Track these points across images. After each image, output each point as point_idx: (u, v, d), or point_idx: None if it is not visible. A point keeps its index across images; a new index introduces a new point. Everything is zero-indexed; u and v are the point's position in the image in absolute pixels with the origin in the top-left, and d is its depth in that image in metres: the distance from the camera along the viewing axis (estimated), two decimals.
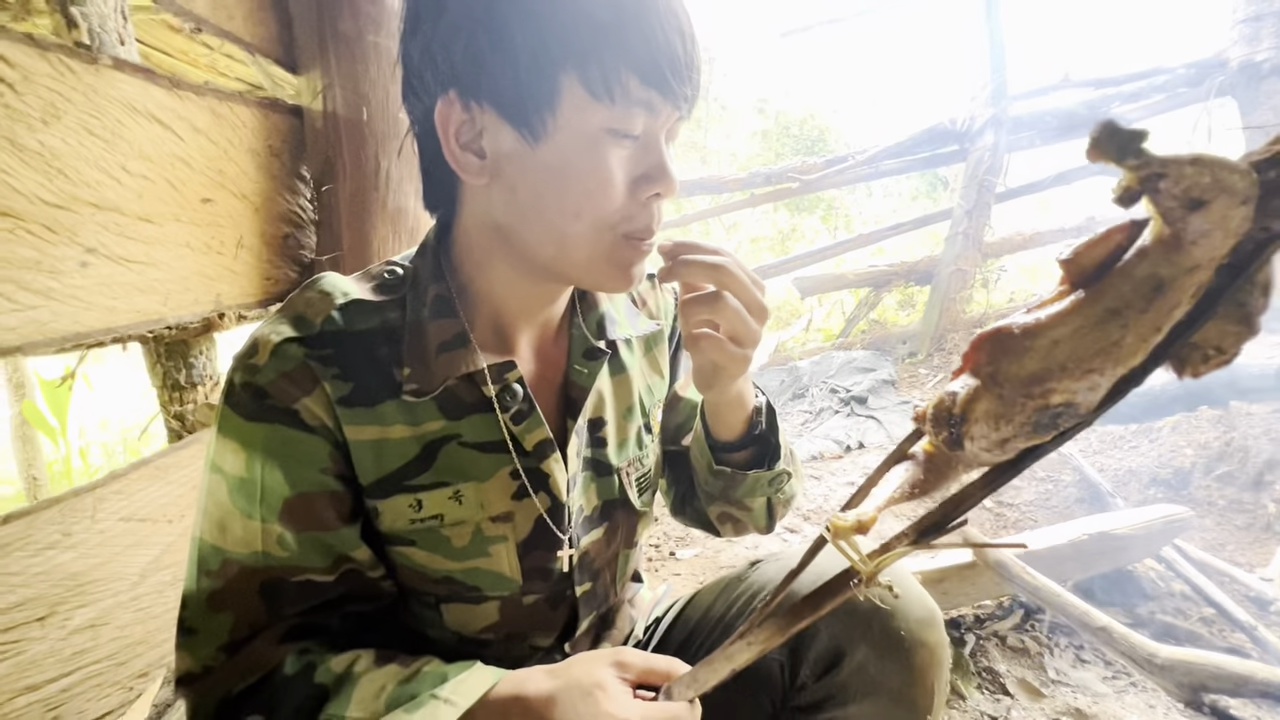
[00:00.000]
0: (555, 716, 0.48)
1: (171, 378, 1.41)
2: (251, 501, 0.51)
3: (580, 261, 0.53)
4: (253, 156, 0.87)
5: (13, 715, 0.62)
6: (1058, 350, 0.37)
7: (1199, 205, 0.31)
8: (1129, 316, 0.35)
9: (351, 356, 0.53)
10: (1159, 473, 1.84)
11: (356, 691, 0.51)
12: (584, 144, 0.48)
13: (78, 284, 0.65)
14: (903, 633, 0.60)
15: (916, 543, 0.46)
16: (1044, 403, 0.38)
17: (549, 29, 0.46)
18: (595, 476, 0.66)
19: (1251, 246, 0.35)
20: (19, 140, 0.57)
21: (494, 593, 0.61)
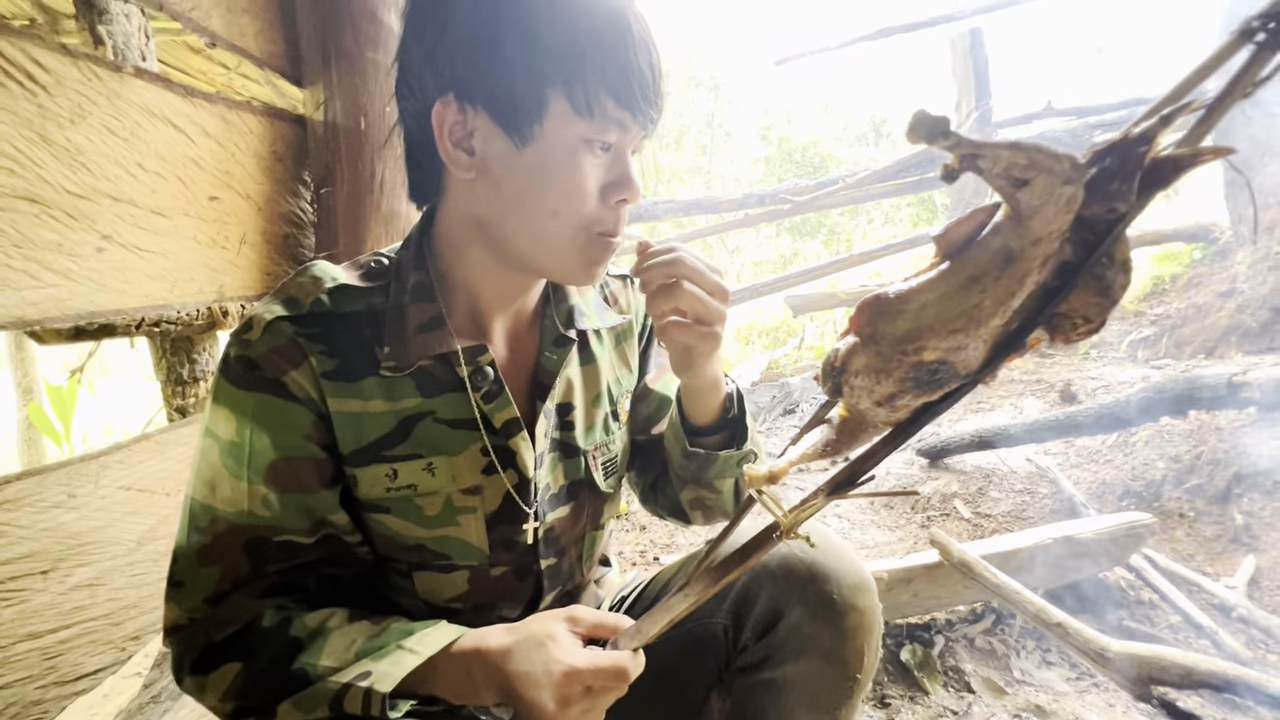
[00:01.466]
0: (511, 665, 0.54)
1: (175, 372, 1.48)
2: (240, 463, 0.57)
3: (553, 254, 0.60)
4: (258, 160, 0.95)
5: (14, 660, 0.67)
6: (926, 312, 0.43)
7: (1023, 183, 0.37)
8: (986, 283, 0.42)
9: (337, 336, 0.59)
10: (1132, 485, 1.88)
11: (328, 644, 0.56)
12: (564, 151, 0.55)
13: (93, 267, 0.72)
14: (835, 596, 0.65)
15: (830, 495, 0.52)
16: (918, 359, 0.44)
17: (543, 51, 0.53)
18: (562, 457, 0.72)
19: (1104, 226, 0.41)
20: (49, 136, 0.64)
21: (463, 562, 0.66)
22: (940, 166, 0.36)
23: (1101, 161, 0.36)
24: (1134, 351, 3.00)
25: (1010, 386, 2.87)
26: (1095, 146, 0.37)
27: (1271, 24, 0.32)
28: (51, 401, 3.52)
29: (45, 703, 0.70)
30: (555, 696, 0.52)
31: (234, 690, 0.56)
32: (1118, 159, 0.35)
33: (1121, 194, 0.36)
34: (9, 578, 0.66)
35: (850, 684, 0.67)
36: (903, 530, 2.02)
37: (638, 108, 0.56)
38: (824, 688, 0.67)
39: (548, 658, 0.53)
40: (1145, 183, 0.36)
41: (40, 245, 0.65)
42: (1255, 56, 0.32)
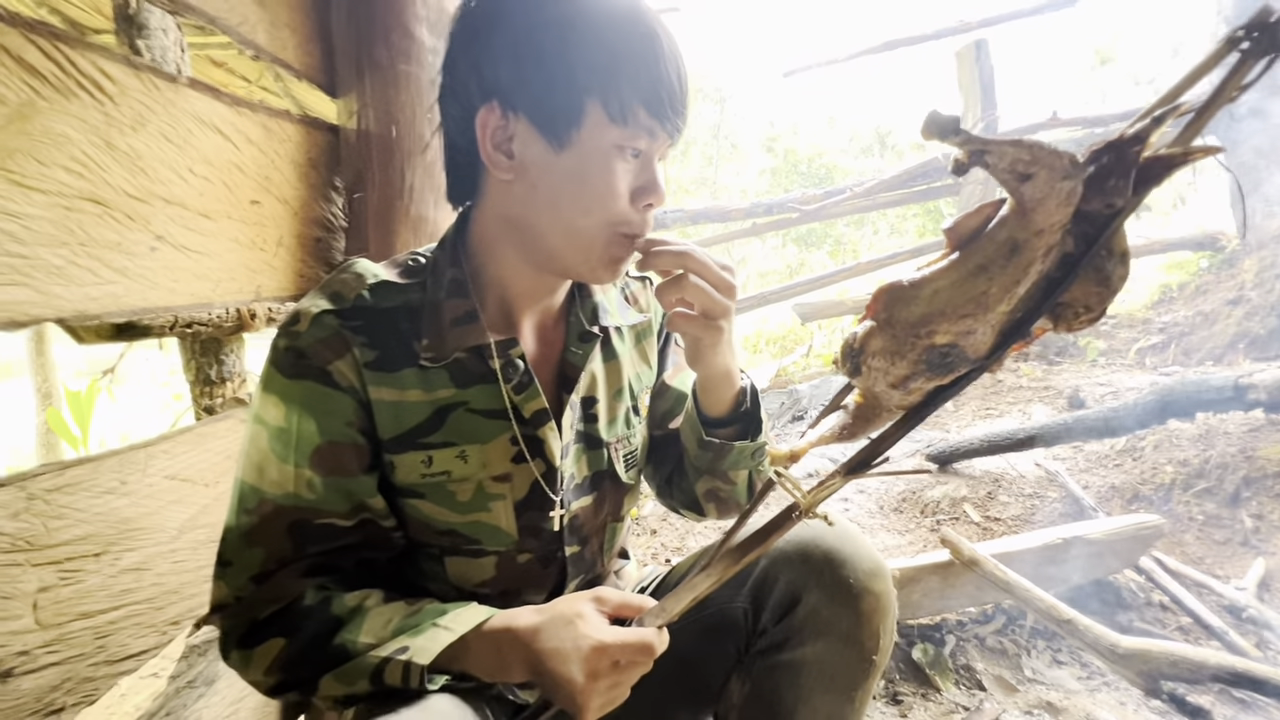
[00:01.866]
0: (541, 643, 0.56)
1: (204, 373, 1.52)
2: (287, 447, 0.61)
3: (581, 252, 0.63)
4: (295, 167, 0.99)
5: (70, 637, 0.70)
6: (938, 298, 0.46)
7: (1026, 178, 0.41)
8: (993, 271, 0.45)
9: (378, 329, 0.63)
10: (1141, 489, 1.89)
11: (367, 622, 0.59)
12: (599, 156, 0.59)
13: (147, 265, 0.76)
14: (851, 581, 0.67)
15: (847, 475, 0.56)
16: (930, 343, 0.48)
17: (582, 63, 0.57)
18: (586, 449, 0.75)
19: (1102, 220, 0.44)
20: (113, 142, 0.69)
21: (492, 547, 0.69)
22: (951, 160, 0.40)
23: (1099, 160, 0.40)
24: (1142, 359, 3.01)
25: (1019, 393, 2.89)
26: (1093, 145, 0.40)
27: (1255, 33, 0.35)
28: (70, 407, 3.58)
29: (96, 680, 0.73)
30: (584, 670, 0.55)
31: (278, 664, 0.59)
32: (1114, 157, 0.39)
33: (1118, 190, 0.39)
34: (66, 558, 0.69)
35: (867, 666, 0.69)
36: (912, 534, 2.03)
37: (666, 117, 0.60)
38: (841, 669, 0.68)
39: (576, 634, 0.56)
40: (1140, 179, 0.40)
41: (102, 244, 0.69)
42: (1240, 63, 0.36)
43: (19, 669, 0.64)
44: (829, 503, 1.82)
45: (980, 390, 3.02)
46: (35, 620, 0.66)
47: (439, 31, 1.06)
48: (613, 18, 0.58)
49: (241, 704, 1.00)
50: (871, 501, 2.27)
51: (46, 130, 0.62)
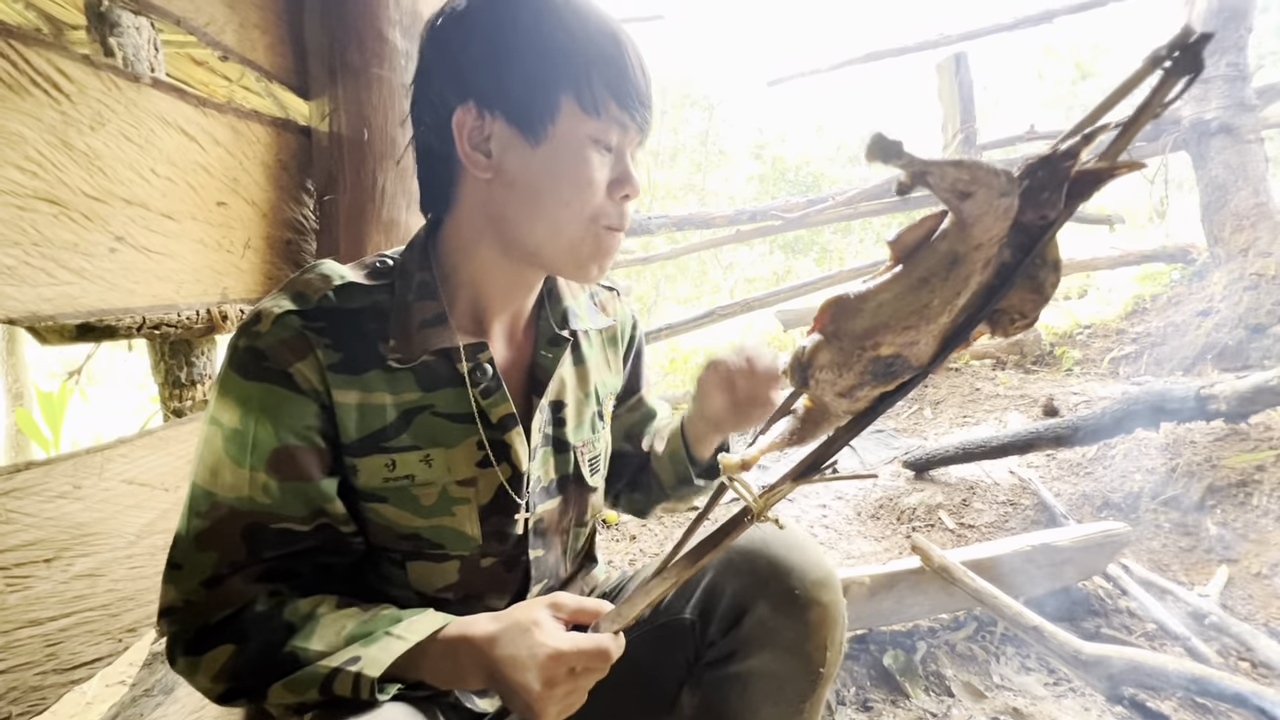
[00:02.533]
0: (497, 651, 0.56)
1: (173, 375, 1.50)
2: (243, 451, 0.59)
3: (565, 245, 0.64)
4: (264, 169, 0.98)
5: (17, 645, 0.69)
6: (882, 311, 0.47)
7: (967, 196, 0.42)
8: (935, 284, 0.46)
9: (343, 330, 0.62)
10: (1111, 496, 1.92)
11: (319, 629, 0.58)
12: (574, 147, 0.61)
13: (106, 267, 0.75)
14: (798, 591, 0.67)
15: (796, 480, 0.56)
16: (875, 354, 0.49)
17: (554, 62, 0.59)
18: (554, 452, 0.75)
19: (1036, 231, 0.45)
20: (70, 141, 0.68)
21: (455, 551, 0.69)
22: (895, 183, 0.41)
23: (1034, 174, 0.41)
24: (1116, 368, 3.06)
25: (995, 401, 2.92)
26: (1027, 161, 0.41)
27: (1176, 53, 0.36)
28: (41, 408, 3.50)
29: (44, 689, 0.72)
30: (541, 678, 0.54)
31: (226, 672, 0.58)
32: (1048, 172, 0.40)
33: (1051, 203, 0.41)
34: (14, 564, 0.68)
35: (814, 678, 0.69)
36: (888, 540, 2.05)
37: (635, 110, 0.62)
38: (789, 681, 0.68)
39: (532, 641, 0.55)
40: (1071, 193, 0.41)
41: (57, 244, 0.68)
42: (1163, 81, 0.37)
43: None
44: (804, 508, 1.82)
45: (958, 398, 3.06)
46: None
47: (412, 35, 1.06)
48: (581, 20, 0.60)
49: (203, 713, 0.99)
50: (849, 508, 2.29)
51: (1, 130, 0.61)
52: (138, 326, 1.31)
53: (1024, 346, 3.43)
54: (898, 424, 3.02)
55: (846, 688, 1.34)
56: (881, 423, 3.07)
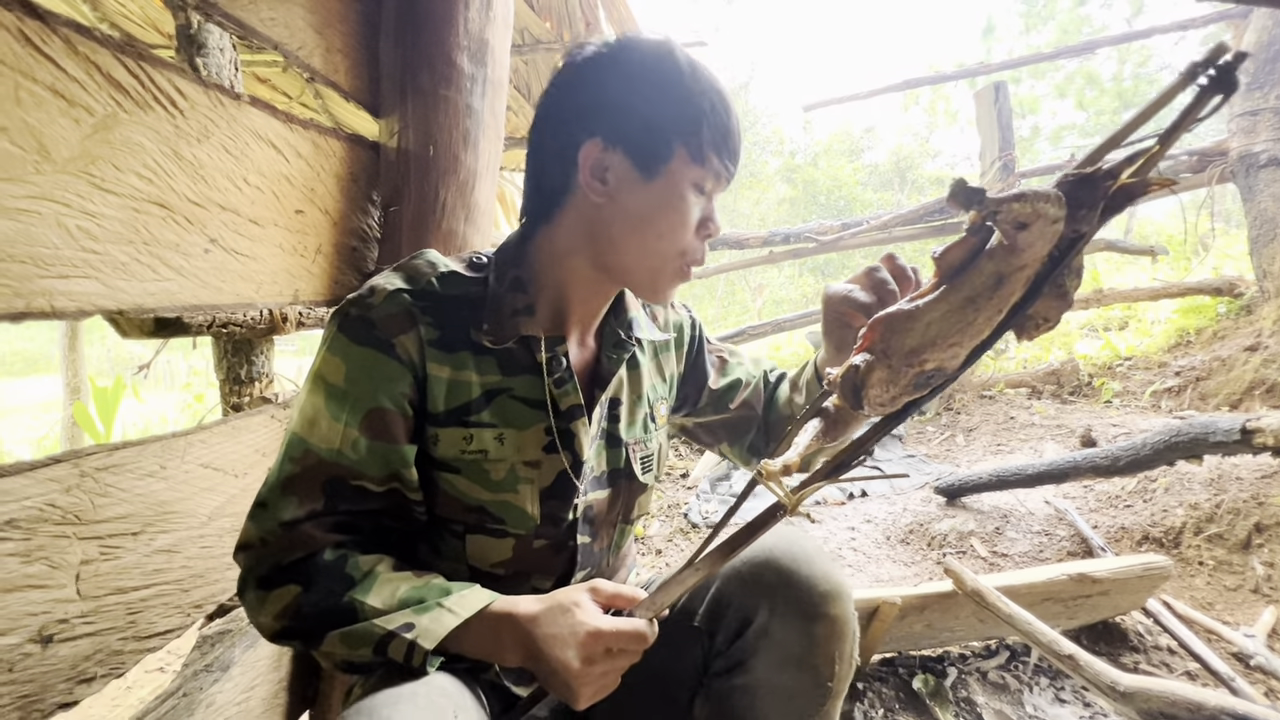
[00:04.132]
0: (539, 629, 0.60)
1: (234, 372, 1.59)
2: (341, 407, 0.65)
3: (650, 270, 0.72)
4: (338, 180, 1.06)
5: (104, 610, 0.74)
6: (931, 329, 0.50)
7: (1024, 226, 0.44)
8: (980, 303, 0.49)
9: (442, 312, 0.69)
10: (1151, 531, 1.88)
11: (376, 586, 0.63)
12: (680, 189, 0.69)
13: (200, 266, 0.81)
14: (804, 604, 0.67)
15: (828, 478, 0.58)
16: (921, 370, 0.52)
17: (673, 113, 0.68)
18: (607, 446, 0.80)
19: (1067, 244, 0.47)
20: (180, 152, 0.75)
21: (514, 529, 0.73)
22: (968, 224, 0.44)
23: (1074, 193, 0.43)
24: (1157, 401, 2.99)
25: (1031, 430, 2.87)
26: (1068, 178, 0.44)
27: (1212, 70, 0.38)
28: (96, 402, 3.68)
29: (124, 654, 0.77)
30: (580, 655, 0.58)
31: (289, 611, 0.64)
32: (1087, 190, 0.42)
33: (1086, 218, 0.43)
34: (108, 534, 0.74)
35: (823, 691, 0.68)
36: (918, 566, 2.03)
37: (730, 162, 0.71)
38: (797, 693, 0.68)
39: (573, 621, 0.59)
40: (1106, 209, 0.43)
41: (163, 244, 0.75)
42: (1198, 98, 0.39)
43: (58, 636, 0.68)
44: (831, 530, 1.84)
45: (992, 426, 3.01)
46: (76, 591, 0.70)
47: (478, 60, 1.13)
48: (697, 80, 0.68)
49: (253, 692, 1.03)
50: (879, 531, 2.27)
51: (125, 139, 0.68)
52: (208, 324, 1.40)
53: (1061, 376, 3.37)
54: (930, 449, 2.99)
55: (874, 709, 1.34)
56: (913, 448, 3.04)
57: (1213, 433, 1.41)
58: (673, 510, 2.72)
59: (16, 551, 0.63)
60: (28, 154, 0.59)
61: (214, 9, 0.77)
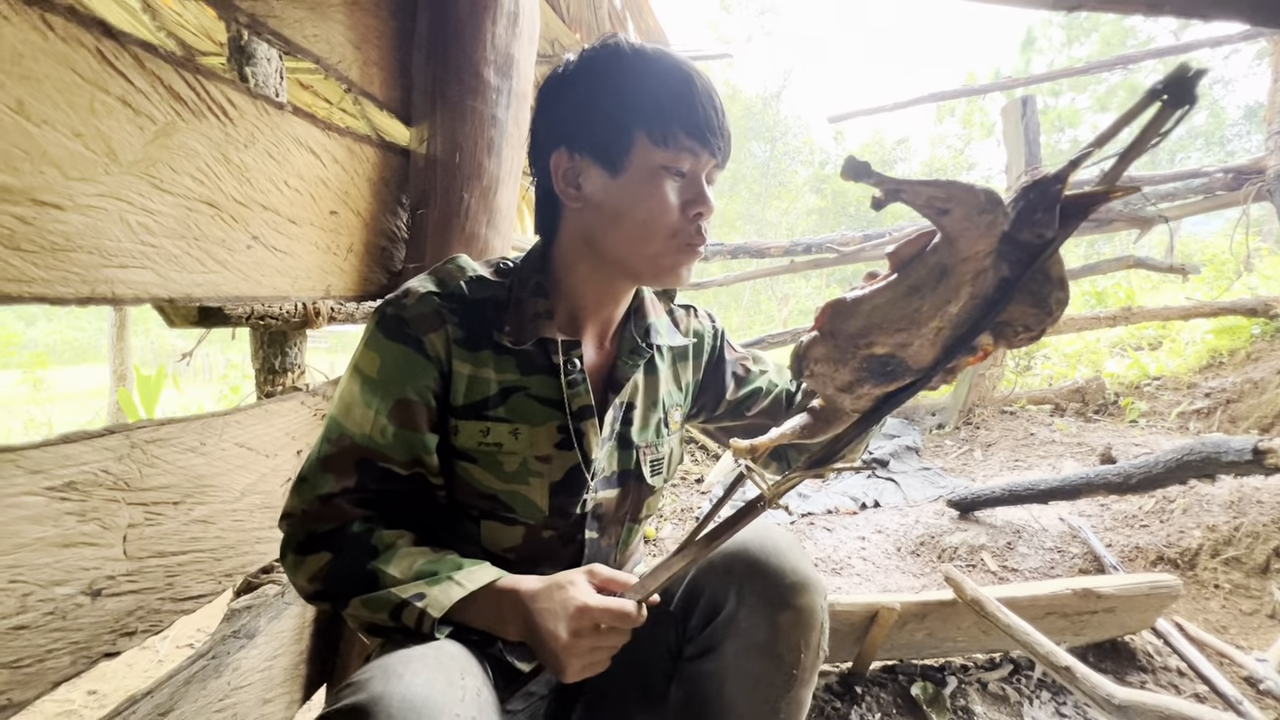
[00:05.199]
0: (535, 604, 0.65)
1: (270, 363, 1.68)
2: (374, 396, 0.72)
3: (646, 257, 0.73)
4: (370, 184, 1.13)
5: (146, 571, 0.81)
6: (875, 314, 0.52)
7: (944, 212, 0.47)
8: (924, 292, 0.50)
9: (468, 314, 0.75)
10: (1166, 551, 1.85)
11: (396, 558, 0.69)
12: (648, 175, 0.70)
13: (243, 260, 0.89)
14: (772, 594, 0.70)
15: (806, 470, 0.62)
16: (869, 352, 0.54)
17: (629, 104, 0.70)
18: (618, 448, 0.84)
19: (1035, 249, 0.48)
20: (229, 156, 0.83)
21: (523, 518, 0.78)
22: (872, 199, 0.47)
23: (1027, 196, 0.45)
24: (1185, 422, 2.93)
25: (1050, 447, 2.84)
26: (1020, 183, 0.47)
27: (1173, 87, 0.41)
28: (139, 389, 3.86)
29: (162, 613, 0.84)
30: (569, 628, 0.62)
31: (321, 575, 0.70)
32: (1038, 194, 0.45)
33: (1045, 222, 0.45)
34: (152, 501, 0.81)
35: (788, 678, 0.70)
36: (926, 578, 2.03)
37: (704, 138, 0.71)
38: (762, 680, 0.70)
39: (565, 596, 0.64)
40: (1066, 213, 0.45)
41: (210, 240, 0.83)
42: (1159, 113, 0.41)
43: (106, 591, 0.75)
44: (842, 539, 1.87)
45: (1011, 441, 2.98)
46: (123, 551, 0.77)
47: (503, 73, 1.20)
48: (652, 68, 0.70)
49: (276, 661, 1.10)
50: (889, 542, 2.27)
51: (181, 145, 0.76)
52: (247, 316, 1.49)
53: (1086, 394, 3.32)
54: (946, 463, 2.97)
55: (872, 713, 1.35)
56: (929, 460, 3.02)
57: (1225, 452, 1.40)
58: (685, 514, 2.76)
59: (74, 511, 0.70)
60: (99, 157, 0.66)
61: (263, 27, 0.85)
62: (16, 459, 0.64)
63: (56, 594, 0.69)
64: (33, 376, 5.31)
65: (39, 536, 0.66)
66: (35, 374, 5.33)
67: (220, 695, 0.95)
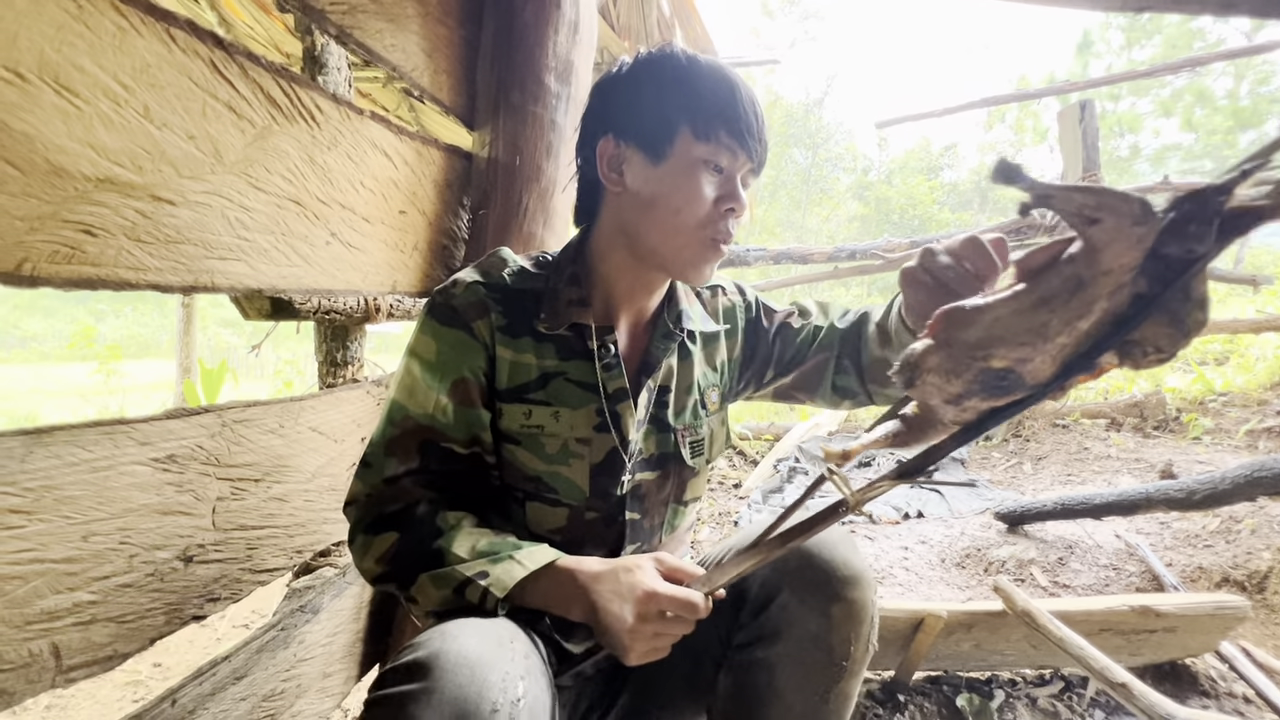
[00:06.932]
0: (601, 585, 0.67)
1: (332, 356, 1.76)
2: (433, 377, 0.77)
3: (675, 247, 0.77)
4: (435, 185, 1.19)
5: (230, 542, 0.88)
6: (997, 325, 0.48)
7: (1093, 221, 0.43)
8: (1055, 305, 0.46)
9: (510, 303, 0.79)
10: (1232, 573, 1.77)
11: (460, 536, 0.72)
12: (687, 165, 0.74)
13: (322, 255, 0.95)
14: (823, 586, 0.71)
15: (896, 479, 0.61)
16: (986, 365, 0.50)
17: (675, 99, 0.74)
18: (656, 430, 0.86)
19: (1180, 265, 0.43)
20: (314, 158, 0.89)
21: (566, 499, 0.81)
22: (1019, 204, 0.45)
23: (1181, 207, 0.40)
24: (1254, 441, 2.78)
25: (1105, 463, 2.74)
26: (1177, 192, 0.41)
27: None
28: (202, 381, 4.07)
29: (242, 582, 0.90)
30: (635, 612, 0.64)
31: (388, 555, 0.73)
32: (1196, 205, 0.40)
33: (1198, 236, 0.40)
34: (238, 477, 0.87)
35: (838, 670, 0.71)
36: (972, 590, 1.98)
37: (743, 138, 0.74)
38: (813, 670, 0.72)
39: (633, 580, 0.66)
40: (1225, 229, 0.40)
41: (295, 235, 0.89)
42: None
43: (196, 558, 0.81)
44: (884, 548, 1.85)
45: (1063, 455, 2.89)
46: (212, 522, 0.83)
47: (564, 80, 1.24)
48: (701, 70, 0.74)
49: (336, 637, 1.16)
50: (933, 553, 2.23)
51: (275, 147, 0.82)
52: (314, 310, 1.57)
53: (1145, 409, 3.18)
54: (994, 475, 2.89)
55: None
56: (976, 472, 2.95)
57: None
58: (723, 519, 2.76)
59: (172, 481, 0.76)
60: (206, 157, 0.73)
61: (349, 38, 0.91)
62: (129, 431, 0.70)
63: (156, 557, 0.75)
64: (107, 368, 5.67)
65: (144, 503, 0.73)
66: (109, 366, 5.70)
67: (287, 666, 1.01)
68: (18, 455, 0.59)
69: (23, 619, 0.61)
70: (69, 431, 0.64)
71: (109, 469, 0.68)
